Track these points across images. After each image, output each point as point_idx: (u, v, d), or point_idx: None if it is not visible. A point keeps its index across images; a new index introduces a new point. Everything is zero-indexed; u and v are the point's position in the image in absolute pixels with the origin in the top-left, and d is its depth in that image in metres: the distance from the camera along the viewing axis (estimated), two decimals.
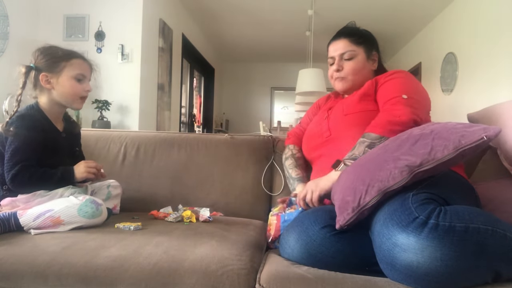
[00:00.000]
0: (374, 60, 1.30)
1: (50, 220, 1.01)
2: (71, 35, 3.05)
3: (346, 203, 0.85)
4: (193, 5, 4.19)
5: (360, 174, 0.87)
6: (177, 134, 1.64)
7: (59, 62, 1.18)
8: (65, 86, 1.18)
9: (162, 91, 3.56)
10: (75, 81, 1.20)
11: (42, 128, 1.16)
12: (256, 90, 6.97)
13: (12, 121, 1.13)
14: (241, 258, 0.86)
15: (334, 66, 1.28)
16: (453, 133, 0.78)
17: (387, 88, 1.16)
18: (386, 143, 0.91)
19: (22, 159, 1.08)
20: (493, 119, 1.19)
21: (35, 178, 1.09)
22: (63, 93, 1.19)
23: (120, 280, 0.79)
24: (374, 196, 0.80)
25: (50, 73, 1.17)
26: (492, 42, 3.14)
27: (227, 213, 1.39)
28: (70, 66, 1.19)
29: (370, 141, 1.03)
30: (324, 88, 3.92)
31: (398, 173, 0.79)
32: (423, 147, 0.79)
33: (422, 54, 4.63)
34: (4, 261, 0.83)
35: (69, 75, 1.19)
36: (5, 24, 2.56)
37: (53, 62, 1.18)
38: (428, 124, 0.89)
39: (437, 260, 0.67)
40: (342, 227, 0.86)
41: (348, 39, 1.27)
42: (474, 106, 1.40)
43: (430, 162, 0.77)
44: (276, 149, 1.54)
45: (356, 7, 4.12)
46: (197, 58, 5.20)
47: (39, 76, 1.17)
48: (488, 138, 0.74)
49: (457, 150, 0.75)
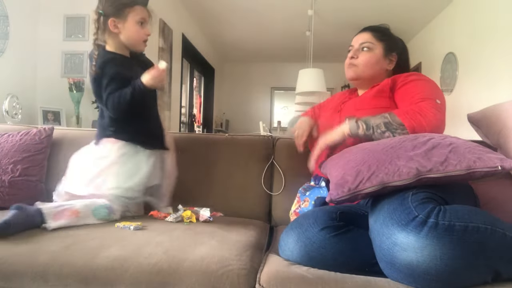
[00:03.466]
0: (391, 60, 1.30)
1: (69, 211, 1.09)
2: (71, 35, 3.05)
3: (345, 181, 0.85)
4: (193, 5, 4.19)
5: (368, 160, 0.86)
6: (177, 134, 1.64)
7: (124, 8, 1.26)
8: (130, 30, 1.28)
9: (162, 91, 3.57)
10: (138, 26, 1.28)
11: (123, 65, 1.28)
12: (256, 90, 6.97)
13: (99, 65, 1.25)
14: (241, 258, 0.86)
15: (351, 53, 1.31)
16: (470, 152, 0.79)
17: (416, 88, 1.15)
18: (403, 139, 0.90)
19: (109, 91, 1.22)
20: (493, 119, 1.19)
21: (116, 101, 1.21)
22: (129, 36, 1.28)
23: (120, 280, 0.79)
24: (374, 185, 0.80)
25: (118, 18, 1.26)
26: (492, 42, 3.14)
27: (227, 213, 1.39)
28: (133, 11, 1.27)
29: (391, 121, 1.03)
30: (324, 88, 3.92)
31: (405, 172, 0.79)
32: (438, 155, 0.80)
33: (422, 54, 4.63)
34: (4, 261, 0.83)
35: (134, 20, 1.27)
36: (5, 24, 2.56)
37: (119, 9, 1.26)
38: (448, 136, 0.89)
39: (436, 259, 0.67)
40: (332, 201, 0.86)
41: (372, 33, 1.30)
42: (474, 106, 1.40)
43: (439, 171, 0.77)
44: (276, 149, 1.54)
45: (356, 7, 4.12)
46: (197, 58, 5.20)
47: (107, 21, 1.26)
48: (502, 169, 0.75)
49: (468, 169, 0.76)
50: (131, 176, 1.25)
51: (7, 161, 1.42)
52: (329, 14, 4.34)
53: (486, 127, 1.24)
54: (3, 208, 1.38)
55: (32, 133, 1.53)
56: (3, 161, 1.42)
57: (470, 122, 1.31)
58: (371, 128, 1.04)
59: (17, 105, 2.50)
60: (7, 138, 1.50)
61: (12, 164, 1.42)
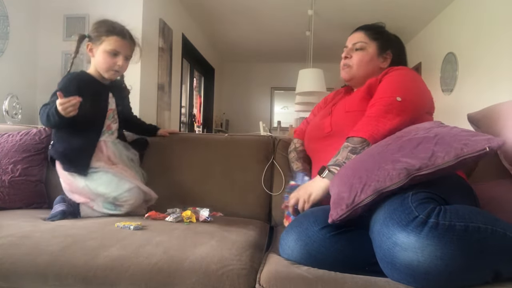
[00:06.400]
0: (386, 58, 1.30)
1: (90, 193, 1.27)
2: (71, 35, 3.04)
3: (341, 198, 0.85)
4: (193, 5, 4.19)
5: (358, 171, 0.86)
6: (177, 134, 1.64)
7: (101, 35, 1.33)
8: (100, 57, 1.34)
9: (162, 91, 3.56)
10: (108, 55, 1.33)
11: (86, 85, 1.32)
12: (256, 90, 6.96)
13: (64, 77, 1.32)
14: (241, 258, 0.86)
15: (344, 53, 1.31)
16: (456, 140, 0.78)
17: (382, 86, 1.15)
18: (389, 142, 0.90)
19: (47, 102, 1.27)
20: (493, 119, 1.19)
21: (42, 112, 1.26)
22: (98, 62, 1.36)
23: (120, 280, 0.79)
24: (369, 195, 0.80)
25: (93, 44, 1.35)
26: (492, 42, 3.14)
27: (227, 213, 1.39)
28: (107, 41, 1.33)
29: (352, 145, 1.04)
30: (324, 88, 3.91)
31: (395, 174, 0.79)
32: (424, 151, 0.79)
33: (422, 54, 4.63)
34: (4, 261, 0.83)
35: (104, 49, 1.33)
36: (5, 24, 2.56)
37: (96, 35, 1.34)
38: (433, 126, 0.88)
39: (437, 259, 0.67)
40: (334, 222, 0.86)
41: (364, 32, 1.30)
42: (474, 106, 1.40)
43: (429, 167, 0.77)
44: (276, 149, 1.54)
45: (356, 7, 4.12)
46: (197, 58, 5.20)
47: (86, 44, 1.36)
48: (491, 149, 0.74)
49: (458, 158, 0.76)
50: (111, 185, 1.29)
51: (7, 161, 1.42)
52: (329, 14, 4.34)
53: (486, 127, 1.23)
54: (3, 208, 1.38)
55: (32, 133, 1.53)
56: (3, 161, 1.42)
57: (470, 122, 1.31)
58: (342, 164, 1.03)
59: (17, 105, 2.50)
60: (7, 138, 1.50)
61: (12, 164, 1.42)
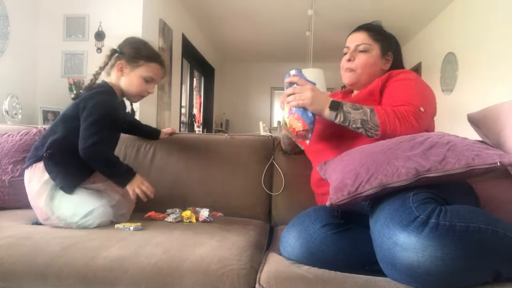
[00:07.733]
0: (387, 60, 1.27)
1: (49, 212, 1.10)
2: (71, 35, 3.05)
3: (344, 185, 0.85)
4: (193, 5, 4.19)
5: (366, 162, 0.86)
6: (177, 134, 1.64)
7: (140, 59, 1.25)
8: (133, 81, 1.25)
9: (162, 91, 3.56)
10: (143, 81, 1.26)
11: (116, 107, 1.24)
12: (256, 90, 6.97)
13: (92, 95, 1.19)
14: (241, 258, 0.86)
15: (347, 56, 1.26)
16: (468, 150, 0.79)
17: (403, 89, 1.11)
18: (401, 140, 0.89)
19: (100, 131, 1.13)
20: (493, 119, 1.19)
21: (105, 157, 1.14)
22: (129, 85, 1.26)
23: (120, 280, 0.79)
24: (373, 187, 0.80)
25: (128, 64, 1.25)
26: (492, 42, 3.14)
27: (227, 213, 1.39)
28: (147, 67, 1.26)
29: (369, 119, 1.01)
30: (324, 88, 3.91)
31: (404, 172, 0.79)
32: (436, 154, 0.80)
33: (422, 54, 4.63)
34: (4, 261, 0.83)
35: (141, 74, 1.25)
36: (5, 24, 2.56)
37: (134, 57, 1.25)
38: (446, 135, 0.88)
39: (437, 259, 0.67)
40: (333, 205, 0.85)
41: (367, 32, 1.26)
42: (474, 106, 1.40)
43: (438, 170, 0.77)
44: (276, 149, 1.54)
45: (356, 7, 4.12)
46: (197, 58, 5.20)
47: (117, 61, 1.25)
48: (501, 165, 0.75)
49: (467, 167, 0.76)
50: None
51: (7, 161, 1.42)
52: (329, 14, 4.34)
53: (486, 127, 1.23)
54: (3, 208, 1.38)
55: (32, 133, 1.53)
56: (3, 161, 1.42)
57: (470, 122, 1.31)
58: (347, 121, 1.03)
59: (17, 105, 2.50)
60: (7, 138, 1.50)
61: (12, 164, 1.42)
